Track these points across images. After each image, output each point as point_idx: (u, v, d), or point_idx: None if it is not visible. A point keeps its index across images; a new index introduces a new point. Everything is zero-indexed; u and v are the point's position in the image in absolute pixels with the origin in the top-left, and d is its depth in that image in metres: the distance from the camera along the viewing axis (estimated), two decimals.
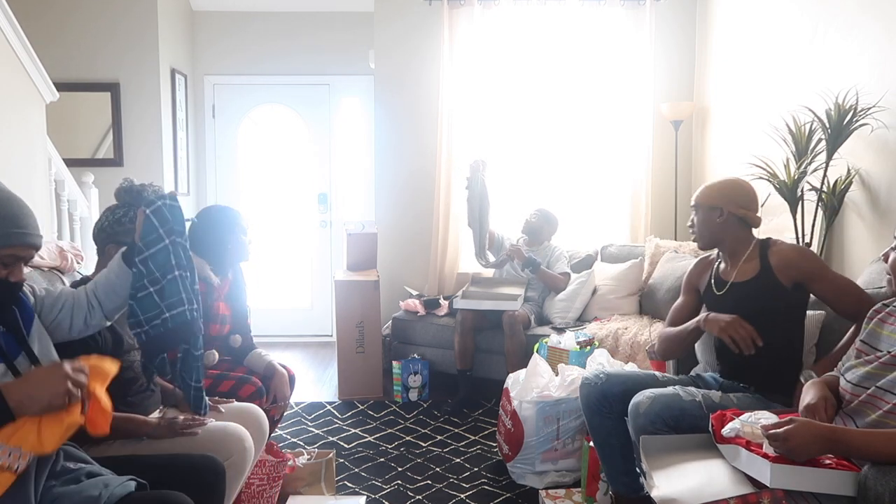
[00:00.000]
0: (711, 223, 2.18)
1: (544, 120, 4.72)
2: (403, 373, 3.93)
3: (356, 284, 4.09)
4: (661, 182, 4.71)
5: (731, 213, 2.15)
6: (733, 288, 2.16)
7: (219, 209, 2.57)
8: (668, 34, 4.72)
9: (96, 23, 4.73)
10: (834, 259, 3.15)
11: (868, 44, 2.91)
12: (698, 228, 2.22)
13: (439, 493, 2.77)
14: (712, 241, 2.21)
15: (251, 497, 2.32)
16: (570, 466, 2.79)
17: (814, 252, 2.15)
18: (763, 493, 1.52)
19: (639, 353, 3.42)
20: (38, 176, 3.17)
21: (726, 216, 2.15)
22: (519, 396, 2.83)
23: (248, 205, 5.50)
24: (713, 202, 2.17)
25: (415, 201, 4.82)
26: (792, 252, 2.10)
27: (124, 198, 2.06)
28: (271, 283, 5.58)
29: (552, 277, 4.06)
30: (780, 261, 2.08)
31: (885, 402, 1.58)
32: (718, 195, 2.17)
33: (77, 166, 4.15)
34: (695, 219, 2.24)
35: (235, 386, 2.38)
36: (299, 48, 5.43)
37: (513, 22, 4.64)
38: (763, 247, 2.15)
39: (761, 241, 2.18)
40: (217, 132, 5.54)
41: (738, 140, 4.10)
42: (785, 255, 2.09)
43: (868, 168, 2.94)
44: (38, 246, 1.54)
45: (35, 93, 3.17)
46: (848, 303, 2.05)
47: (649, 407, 1.95)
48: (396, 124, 4.80)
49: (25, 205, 1.52)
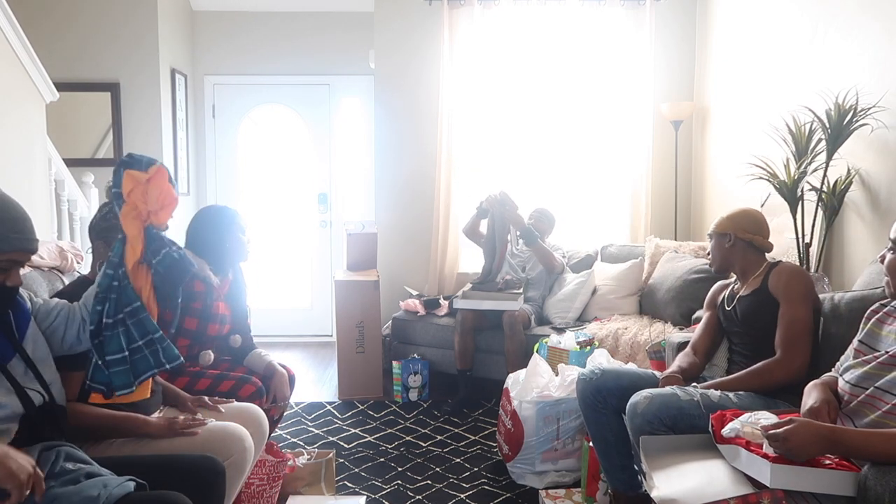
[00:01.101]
0: (722, 248, 2.38)
1: (544, 120, 4.72)
2: (403, 373, 3.93)
3: (356, 284, 4.09)
4: (661, 182, 4.72)
5: (738, 238, 2.32)
6: (740, 301, 2.30)
7: (216, 209, 2.57)
8: (668, 34, 4.72)
9: (96, 23, 4.73)
10: (834, 259, 3.15)
11: (868, 44, 2.91)
12: (712, 253, 2.43)
13: (439, 493, 2.77)
14: (723, 264, 2.40)
15: (251, 497, 2.32)
16: (570, 466, 2.79)
17: (806, 280, 2.20)
18: (763, 494, 1.52)
19: (639, 353, 3.42)
20: (38, 176, 3.17)
21: (734, 241, 2.33)
22: (519, 396, 2.83)
23: (249, 205, 5.50)
24: (723, 229, 2.36)
25: (415, 201, 4.82)
26: (785, 271, 2.23)
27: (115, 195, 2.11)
28: (271, 283, 5.57)
29: (548, 253, 4.03)
30: (773, 276, 2.23)
31: (883, 402, 1.59)
32: (728, 222, 2.37)
33: (77, 166, 4.16)
34: (710, 247, 2.44)
35: (235, 386, 2.37)
36: (299, 48, 5.43)
37: (513, 22, 4.64)
38: (770, 266, 2.29)
39: (771, 263, 2.31)
40: (217, 132, 5.54)
41: (738, 140, 4.10)
42: (779, 271, 2.23)
43: (868, 168, 2.94)
44: (34, 251, 1.56)
45: (35, 93, 3.17)
46: (780, 337, 2.12)
47: (647, 407, 1.96)
48: (396, 124, 4.80)
49: (23, 209, 1.53)
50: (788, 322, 2.11)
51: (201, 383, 2.35)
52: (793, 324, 2.11)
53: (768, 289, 2.21)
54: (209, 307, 2.42)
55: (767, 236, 2.34)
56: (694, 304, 3.51)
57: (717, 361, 2.43)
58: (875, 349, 1.71)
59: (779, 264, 2.28)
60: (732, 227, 2.33)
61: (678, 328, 3.53)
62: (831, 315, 2.17)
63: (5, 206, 1.49)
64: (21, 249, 1.51)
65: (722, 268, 2.40)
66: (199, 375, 2.38)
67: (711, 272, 2.71)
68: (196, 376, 2.37)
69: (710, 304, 2.49)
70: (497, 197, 3.89)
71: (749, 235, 2.31)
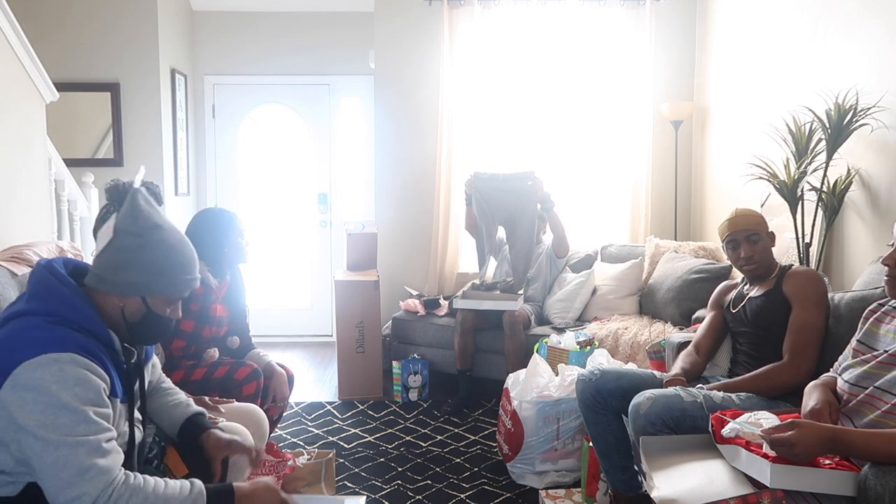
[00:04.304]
0: (768, 249, 2.26)
1: (544, 120, 4.72)
2: (403, 373, 3.92)
3: (356, 284, 4.09)
4: (661, 182, 4.72)
5: (767, 234, 2.27)
6: (750, 301, 2.26)
7: (215, 212, 2.57)
8: (668, 34, 4.72)
9: (96, 23, 4.72)
10: (834, 259, 3.15)
11: (868, 44, 2.90)
12: (761, 257, 2.24)
13: (439, 493, 2.77)
14: (771, 266, 2.27)
15: None
16: (570, 466, 2.79)
17: (822, 286, 2.15)
18: (763, 494, 1.52)
19: (639, 353, 3.42)
20: (38, 176, 3.17)
21: (764, 238, 2.26)
22: (519, 396, 2.83)
23: (248, 205, 5.50)
24: (758, 227, 2.25)
25: (415, 201, 4.82)
26: (803, 274, 2.20)
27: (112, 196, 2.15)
28: (271, 284, 5.57)
29: (561, 225, 4.05)
30: (789, 279, 2.18)
31: (883, 401, 1.59)
32: (759, 218, 2.26)
33: (77, 166, 4.15)
34: (749, 250, 2.24)
35: (231, 370, 2.38)
36: (299, 48, 5.43)
37: (513, 22, 4.64)
38: (784, 268, 2.25)
39: (784, 265, 2.28)
40: (217, 132, 5.54)
41: (738, 140, 4.10)
42: (796, 274, 2.19)
43: (868, 168, 2.94)
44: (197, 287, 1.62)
45: (35, 93, 3.16)
46: (789, 341, 2.10)
47: (650, 408, 1.95)
48: (396, 124, 4.80)
49: (191, 249, 1.57)
50: (799, 326, 2.09)
51: (197, 373, 2.36)
52: (804, 328, 2.09)
53: (782, 291, 2.18)
54: (206, 309, 2.43)
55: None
56: (694, 304, 3.51)
57: (719, 361, 2.42)
58: (873, 349, 1.71)
59: (792, 267, 2.26)
60: (762, 223, 2.26)
61: (678, 328, 3.53)
62: (831, 315, 2.17)
63: (179, 249, 1.52)
64: (191, 289, 1.56)
65: (768, 272, 2.24)
66: (195, 366, 2.39)
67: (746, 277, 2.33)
68: (191, 368, 2.38)
69: (714, 303, 2.46)
70: (471, 180, 3.95)
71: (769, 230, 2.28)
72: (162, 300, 1.52)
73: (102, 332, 1.44)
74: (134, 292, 1.48)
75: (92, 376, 1.35)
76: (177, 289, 1.52)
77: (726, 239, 2.29)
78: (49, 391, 1.29)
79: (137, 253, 1.47)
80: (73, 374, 1.32)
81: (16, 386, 1.29)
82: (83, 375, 1.33)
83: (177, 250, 1.51)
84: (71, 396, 1.30)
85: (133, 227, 1.47)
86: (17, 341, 1.34)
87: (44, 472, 1.29)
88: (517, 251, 3.96)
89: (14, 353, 1.32)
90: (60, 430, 1.29)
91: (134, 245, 1.47)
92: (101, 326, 1.44)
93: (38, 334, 1.34)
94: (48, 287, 1.43)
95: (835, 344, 2.10)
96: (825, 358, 2.09)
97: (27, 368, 1.30)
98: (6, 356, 1.32)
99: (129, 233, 1.47)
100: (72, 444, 1.29)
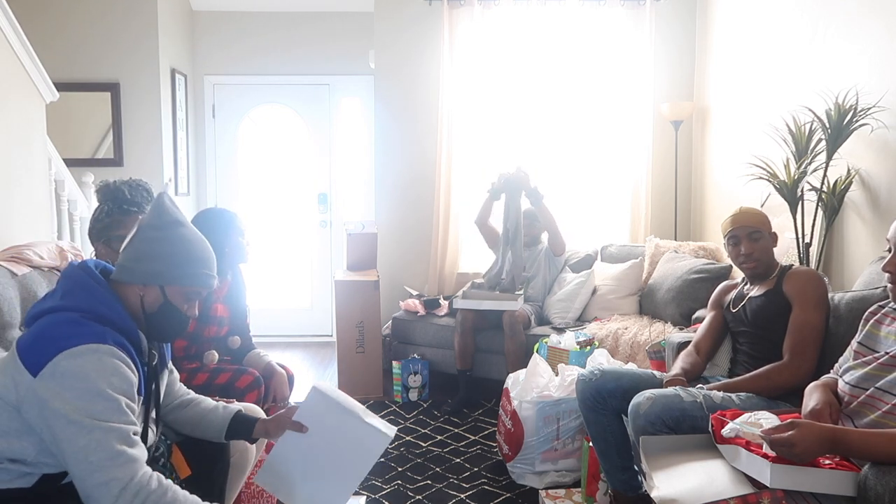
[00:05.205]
0: (769, 248, 2.26)
1: (544, 120, 4.72)
2: (403, 373, 3.92)
3: (356, 284, 4.09)
4: (661, 182, 4.72)
5: (769, 233, 2.26)
6: (750, 301, 2.26)
7: (215, 212, 2.57)
8: (668, 34, 4.72)
9: (96, 23, 4.72)
10: (834, 259, 3.15)
11: (868, 44, 2.90)
12: (761, 255, 2.24)
13: (439, 493, 2.77)
14: (771, 266, 2.27)
15: (251, 497, 2.32)
16: (570, 466, 2.79)
17: (822, 286, 2.15)
18: (763, 494, 1.52)
19: (639, 353, 3.42)
20: (38, 176, 3.17)
21: (765, 237, 2.25)
22: (519, 396, 2.83)
23: (248, 205, 5.50)
24: (760, 225, 2.24)
25: (415, 201, 4.82)
26: (804, 274, 2.20)
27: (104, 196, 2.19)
28: (271, 284, 5.57)
29: (553, 220, 3.98)
30: (790, 279, 2.18)
31: (883, 402, 1.59)
32: (761, 217, 2.25)
33: (77, 166, 4.15)
34: (750, 247, 2.23)
35: (233, 377, 2.37)
36: (299, 48, 5.43)
37: (513, 22, 4.64)
38: (784, 268, 2.25)
39: (784, 265, 2.27)
40: (217, 132, 5.54)
41: (738, 140, 4.10)
42: (796, 274, 2.19)
43: (868, 168, 2.94)
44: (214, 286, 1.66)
45: (35, 93, 3.16)
46: (789, 341, 2.10)
47: (650, 408, 1.95)
48: (396, 124, 4.80)
49: (209, 247, 1.64)
50: (800, 326, 2.09)
51: (199, 378, 2.35)
52: (804, 328, 2.08)
53: (783, 290, 2.18)
54: (207, 309, 2.43)
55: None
56: (694, 304, 3.51)
57: (718, 361, 2.42)
58: (874, 350, 1.71)
59: (793, 267, 2.25)
60: (765, 222, 2.26)
61: (678, 328, 3.53)
62: (831, 315, 2.17)
63: (198, 245, 1.61)
64: (208, 286, 1.62)
65: (768, 272, 2.24)
66: (197, 370, 2.38)
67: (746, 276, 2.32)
68: (193, 371, 2.37)
69: (715, 303, 2.46)
70: (513, 175, 3.78)
71: (772, 230, 2.28)
72: (180, 293, 1.57)
73: (133, 331, 1.50)
74: (153, 281, 1.54)
75: (126, 370, 1.41)
76: (194, 281, 1.58)
77: (728, 235, 2.29)
78: (88, 377, 1.34)
79: (158, 244, 1.55)
80: (112, 365, 1.38)
81: (55, 373, 1.34)
82: (120, 367, 1.39)
83: (196, 245, 1.59)
84: (107, 385, 1.36)
85: (156, 222, 1.57)
86: (58, 333, 1.39)
87: (74, 455, 1.33)
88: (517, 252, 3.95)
89: (55, 341, 1.37)
90: (95, 415, 1.33)
91: (156, 237, 1.56)
92: (132, 326, 1.50)
93: (77, 328, 1.40)
94: (84, 286, 1.48)
95: (835, 344, 2.09)
96: (825, 358, 2.09)
97: (68, 356, 1.35)
98: (45, 345, 1.37)
99: (152, 226, 1.57)
100: (105, 430, 1.33)
